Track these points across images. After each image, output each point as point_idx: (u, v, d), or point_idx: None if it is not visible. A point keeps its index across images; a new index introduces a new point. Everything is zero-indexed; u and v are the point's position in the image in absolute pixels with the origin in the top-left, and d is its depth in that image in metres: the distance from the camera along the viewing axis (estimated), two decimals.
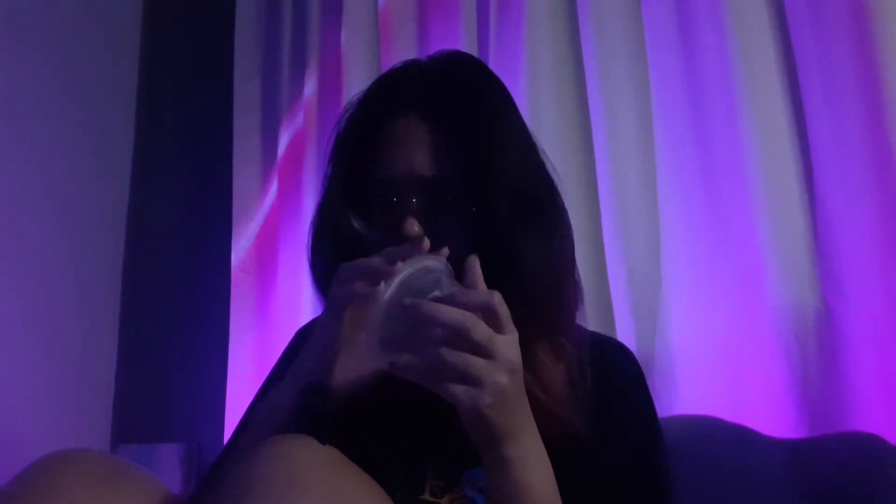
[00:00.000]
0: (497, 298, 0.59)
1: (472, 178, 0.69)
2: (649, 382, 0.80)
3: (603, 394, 0.71)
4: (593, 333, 0.80)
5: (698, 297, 1.17)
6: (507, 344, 0.59)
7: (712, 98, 1.21)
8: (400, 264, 0.61)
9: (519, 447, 0.61)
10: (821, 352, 1.09)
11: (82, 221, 1.61)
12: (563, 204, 0.77)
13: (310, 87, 1.53)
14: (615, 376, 0.76)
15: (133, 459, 0.84)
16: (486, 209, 0.68)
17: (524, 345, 0.61)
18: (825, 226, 1.11)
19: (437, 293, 0.61)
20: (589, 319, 0.83)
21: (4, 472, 0.63)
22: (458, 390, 0.57)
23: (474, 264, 0.63)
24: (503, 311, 0.59)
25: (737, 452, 1.08)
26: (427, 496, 0.70)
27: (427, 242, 0.66)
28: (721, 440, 1.09)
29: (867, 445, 1.01)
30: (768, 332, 1.11)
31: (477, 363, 0.57)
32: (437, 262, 0.63)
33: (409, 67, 0.78)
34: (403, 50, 1.46)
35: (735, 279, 1.16)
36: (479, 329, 0.57)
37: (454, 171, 0.70)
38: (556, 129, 1.30)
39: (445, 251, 0.66)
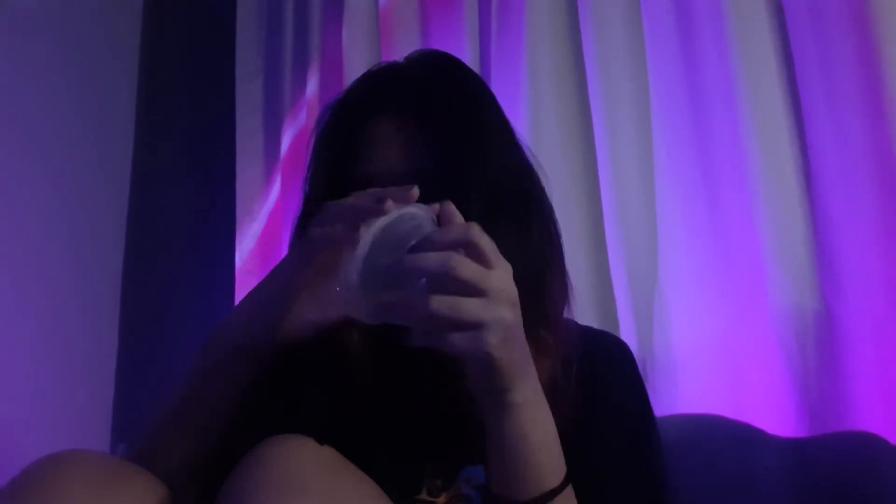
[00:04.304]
0: (475, 230, 0.55)
1: (446, 172, 0.69)
2: (650, 382, 0.81)
3: (594, 387, 0.71)
4: (586, 328, 0.80)
5: (698, 297, 1.17)
6: (499, 277, 0.55)
7: (712, 99, 1.21)
8: (390, 202, 0.57)
9: (525, 392, 0.59)
10: (821, 352, 1.09)
11: (83, 222, 1.61)
12: (545, 198, 0.77)
13: (312, 86, 1.53)
14: (607, 369, 0.75)
15: None
16: (462, 203, 0.67)
17: None
18: (825, 226, 1.11)
19: (413, 243, 0.57)
20: (590, 319, 0.83)
21: (4, 472, 0.63)
22: (460, 339, 0.54)
23: (449, 207, 0.59)
24: (485, 242, 0.55)
25: (737, 451, 1.08)
26: (424, 496, 0.70)
27: (416, 190, 0.61)
28: (721, 438, 1.10)
29: (867, 445, 1.01)
30: (768, 332, 1.11)
31: (471, 304, 0.53)
32: (418, 209, 0.59)
33: (384, 69, 0.79)
34: (404, 49, 1.45)
35: (735, 279, 1.16)
36: (465, 267, 0.53)
37: (429, 166, 0.70)
38: (557, 128, 1.30)
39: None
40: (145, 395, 1.62)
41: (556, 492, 0.60)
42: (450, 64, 0.79)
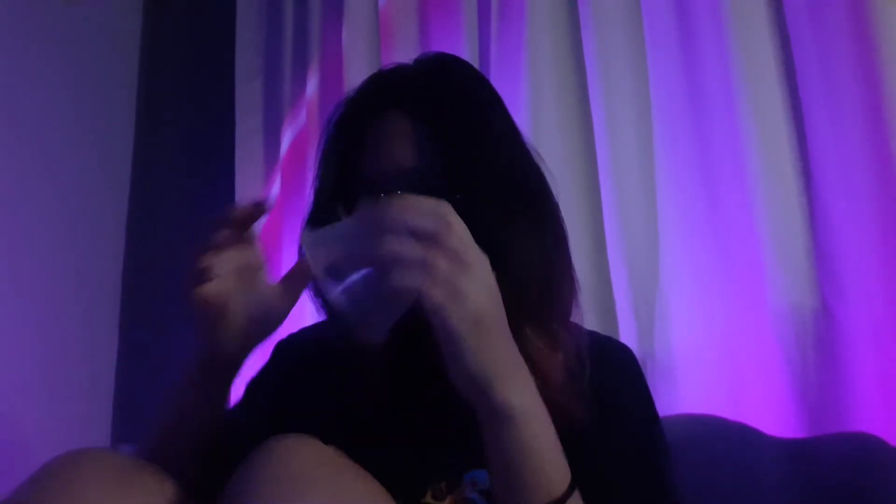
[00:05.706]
0: (443, 210, 0.56)
1: (454, 168, 0.69)
2: (650, 382, 0.80)
3: (602, 392, 0.71)
4: (592, 332, 0.80)
5: (698, 297, 1.17)
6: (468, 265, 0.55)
7: (712, 98, 1.21)
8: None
9: (517, 395, 0.57)
10: (820, 352, 1.08)
11: (83, 222, 1.61)
12: (551, 194, 0.77)
13: (311, 86, 1.53)
14: (614, 375, 0.75)
15: None
16: (470, 198, 0.67)
17: (517, 332, 0.60)
18: (825, 226, 1.11)
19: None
20: (591, 319, 0.82)
21: (4, 472, 0.63)
22: (400, 277, 0.54)
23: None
24: (455, 240, 0.55)
25: (737, 451, 1.08)
26: (428, 499, 0.70)
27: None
28: (721, 438, 1.10)
29: (867, 445, 1.01)
30: (768, 332, 1.11)
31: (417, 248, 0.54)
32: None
33: (394, 69, 0.80)
34: (404, 49, 1.46)
35: (735, 279, 1.15)
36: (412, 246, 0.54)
37: (437, 162, 0.70)
38: (557, 128, 1.30)
39: None
40: (145, 396, 1.62)
41: (560, 501, 0.59)
42: (457, 66, 0.80)
